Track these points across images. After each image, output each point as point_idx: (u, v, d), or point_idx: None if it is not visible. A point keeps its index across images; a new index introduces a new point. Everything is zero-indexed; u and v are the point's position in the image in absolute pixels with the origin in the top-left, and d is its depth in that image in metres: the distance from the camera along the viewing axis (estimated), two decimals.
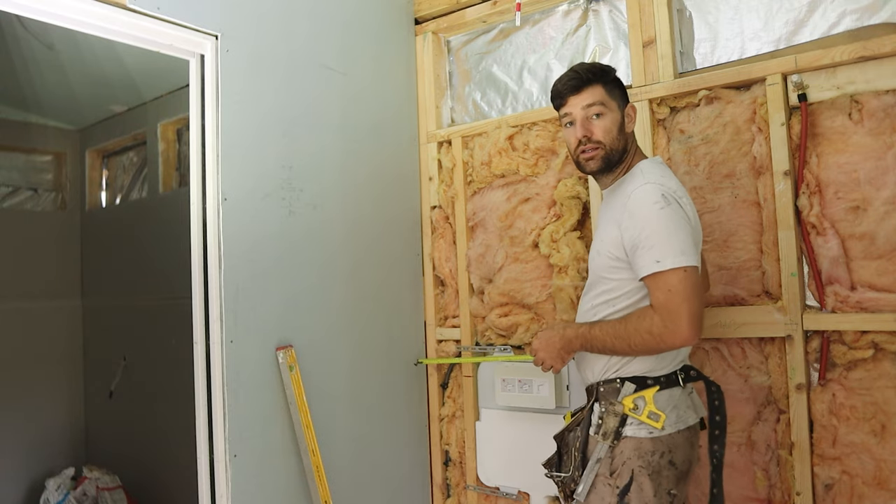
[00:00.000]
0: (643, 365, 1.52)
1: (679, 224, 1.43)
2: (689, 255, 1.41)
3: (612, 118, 1.59)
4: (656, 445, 1.47)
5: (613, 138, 1.58)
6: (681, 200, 1.48)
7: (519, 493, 2.37)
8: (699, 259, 1.47)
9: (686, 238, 1.42)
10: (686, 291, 1.38)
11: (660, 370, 1.51)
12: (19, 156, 3.91)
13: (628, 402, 1.50)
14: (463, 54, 2.68)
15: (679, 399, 1.51)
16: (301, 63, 2.19)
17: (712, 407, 1.55)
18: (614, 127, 1.59)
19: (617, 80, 1.64)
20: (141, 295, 3.49)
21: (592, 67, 1.62)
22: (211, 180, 1.91)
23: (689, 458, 1.51)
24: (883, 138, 1.76)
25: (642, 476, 1.45)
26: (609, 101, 1.59)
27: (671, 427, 1.48)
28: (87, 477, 3.46)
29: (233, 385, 1.88)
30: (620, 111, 1.61)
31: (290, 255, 2.09)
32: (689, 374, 1.55)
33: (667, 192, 1.46)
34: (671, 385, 1.51)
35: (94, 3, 1.68)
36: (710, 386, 1.57)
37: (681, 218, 1.44)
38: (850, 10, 1.85)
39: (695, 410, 1.54)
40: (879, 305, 1.75)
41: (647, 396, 1.49)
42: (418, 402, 2.58)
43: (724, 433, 1.53)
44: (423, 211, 2.65)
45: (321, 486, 2.03)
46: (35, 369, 3.63)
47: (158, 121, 3.49)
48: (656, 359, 1.51)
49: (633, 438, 1.48)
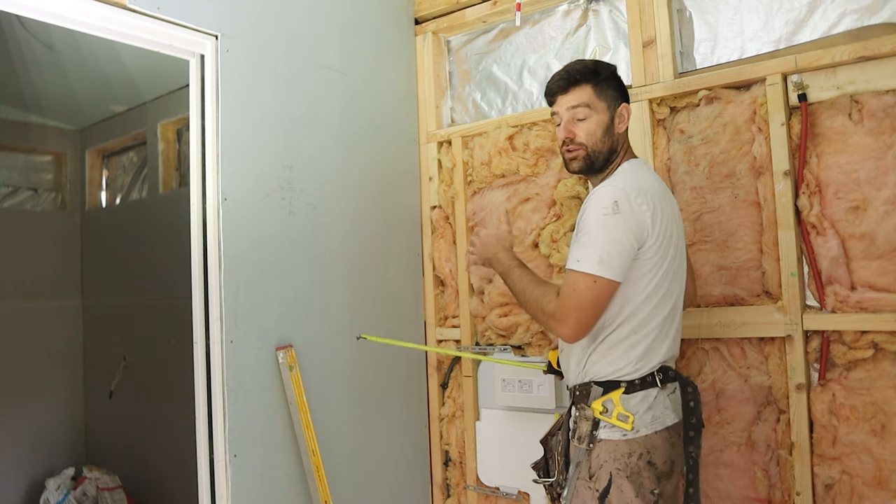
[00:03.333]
0: (613, 367, 1.51)
1: (614, 235, 1.44)
2: (607, 266, 1.43)
3: (597, 120, 1.58)
4: (632, 447, 1.47)
5: (597, 140, 1.58)
6: (639, 206, 1.45)
7: (519, 493, 2.37)
8: (621, 274, 1.45)
9: (614, 250, 1.43)
10: (585, 299, 1.44)
11: (633, 373, 1.50)
12: (19, 156, 3.91)
13: (597, 406, 1.50)
14: (463, 54, 2.68)
15: (656, 400, 1.50)
16: (301, 63, 2.19)
17: (687, 408, 1.53)
18: (598, 129, 1.58)
19: (611, 78, 1.62)
20: (141, 295, 3.49)
21: (584, 67, 1.60)
22: (211, 180, 1.91)
23: (672, 458, 1.49)
24: (883, 138, 1.76)
25: (621, 478, 1.45)
26: (597, 102, 1.58)
27: (647, 428, 1.48)
28: (87, 477, 3.47)
29: (233, 385, 1.88)
30: (610, 112, 1.59)
31: (290, 255, 2.09)
32: (668, 374, 1.54)
33: (623, 198, 1.45)
34: (647, 386, 1.50)
35: (94, 3, 1.69)
36: (686, 387, 1.54)
37: (621, 231, 1.44)
38: (850, 10, 1.85)
39: (674, 411, 1.52)
40: (879, 305, 1.75)
41: (614, 399, 1.49)
42: (418, 402, 2.58)
43: (700, 435, 1.51)
44: (423, 211, 2.65)
45: (321, 486, 2.03)
46: (35, 369, 3.63)
47: (158, 121, 3.49)
48: (631, 362, 1.51)
49: (608, 441, 1.49)
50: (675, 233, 1.55)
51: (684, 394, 1.54)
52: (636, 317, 1.50)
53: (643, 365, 1.51)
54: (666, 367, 1.55)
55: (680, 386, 1.55)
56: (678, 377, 1.56)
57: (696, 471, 1.49)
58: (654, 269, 1.50)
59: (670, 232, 1.52)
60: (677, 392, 1.55)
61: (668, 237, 1.51)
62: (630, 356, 1.50)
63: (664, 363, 1.54)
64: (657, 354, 1.52)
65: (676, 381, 1.56)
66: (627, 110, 1.62)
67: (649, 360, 1.51)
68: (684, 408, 1.53)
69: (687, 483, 1.48)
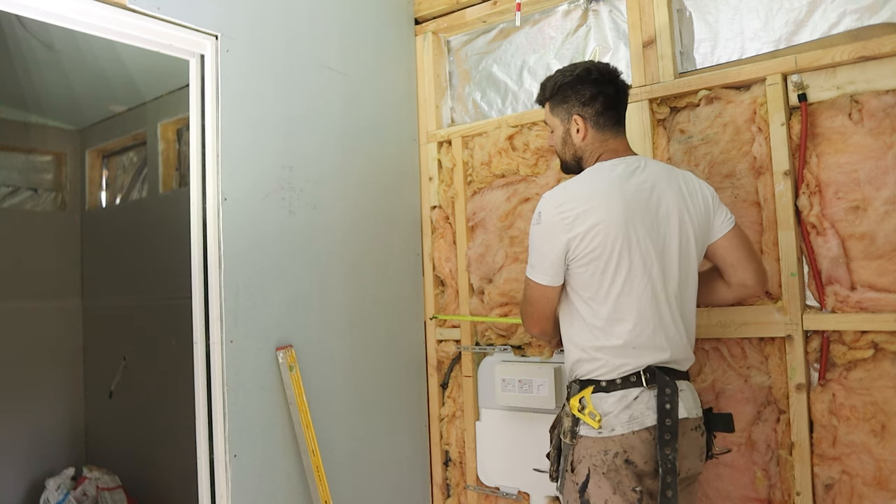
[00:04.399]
0: (591, 367, 1.56)
1: (535, 244, 1.59)
2: (535, 271, 1.60)
3: (557, 133, 1.72)
4: (608, 445, 1.49)
5: (560, 150, 1.74)
6: (559, 215, 1.53)
7: (519, 493, 2.37)
8: (548, 278, 1.58)
9: (538, 257, 1.58)
10: (528, 299, 1.65)
11: (609, 373, 1.53)
12: (19, 156, 3.91)
13: (574, 403, 1.55)
14: (463, 54, 2.68)
15: (637, 400, 1.50)
16: (301, 63, 2.19)
17: (662, 411, 1.49)
18: (559, 142, 1.73)
19: (558, 94, 1.69)
20: (141, 295, 3.49)
21: (542, 87, 1.74)
22: (211, 180, 1.91)
23: (654, 458, 1.48)
24: (883, 138, 1.76)
25: (597, 474, 1.48)
26: (552, 119, 1.73)
27: (623, 427, 1.49)
28: (87, 477, 3.47)
29: (233, 385, 1.88)
30: (564, 125, 1.70)
31: (290, 255, 2.09)
32: (655, 375, 1.52)
33: (546, 208, 1.56)
34: (629, 386, 1.51)
35: (94, 3, 1.69)
36: (664, 388, 1.51)
37: (542, 239, 1.57)
38: (850, 10, 1.85)
39: (656, 411, 1.50)
40: (879, 305, 1.75)
41: (586, 397, 1.54)
42: (418, 402, 2.58)
43: (676, 438, 1.47)
44: (423, 211, 2.65)
45: (321, 486, 2.04)
46: (35, 369, 3.64)
47: (158, 121, 3.49)
48: (607, 362, 1.53)
49: (586, 438, 1.52)
50: (640, 228, 1.53)
51: (661, 395, 1.50)
52: (598, 318, 1.55)
53: (620, 365, 1.52)
54: (656, 368, 1.52)
55: (658, 387, 1.51)
56: (662, 378, 1.51)
57: (674, 474, 1.45)
58: (593, 268, 1.53)
59: (610, 230, 1.51)
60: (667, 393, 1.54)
61: (606, 234, 1.51)
62: (603, 356, 1.54)
63: (660, 363, 1.54)
64: (637, 355, 1.53)
65: (659, 382, 1.51)
66: (580, 120, 1.67)
67: (626, 361, 1.52)
68: (659, 410, 1.49)
69: (663, 486, 1.44)
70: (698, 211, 1.62)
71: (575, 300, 1.59)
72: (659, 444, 1.47)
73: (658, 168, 1.65)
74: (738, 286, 1.71)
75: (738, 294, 1.74)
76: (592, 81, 1.65)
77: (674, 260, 1.58)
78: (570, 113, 1.68)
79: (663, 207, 1.58)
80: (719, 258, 1.69)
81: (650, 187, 1.58)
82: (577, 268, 1.55)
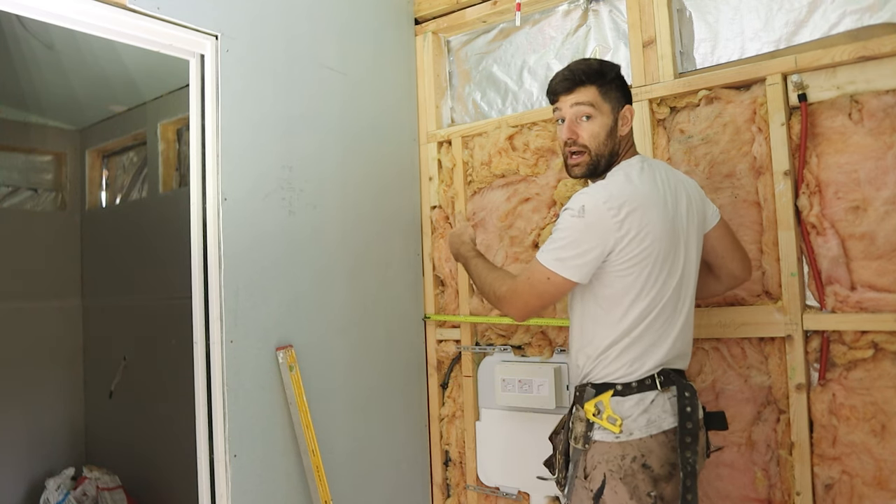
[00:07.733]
0: (607, 370, 1.51)
1: (575, 238, 1.46)
2: (564, 265, 1.47)
3: (601, 122, 1.55)
4: (626, 450, 1.46)
5: (600, 143, 1.56)
6: (608, 212, 1.44)
7: (519, 493, 2.37)
8: (578, 275, 1.47)
9: (573, 252, 1.46)
10: (535, 289, 1.52)
11: (627, 376, 1.50)
12: (19, 156, 3.91)
13: (590, 407, 1.50)
14: (463, 54, 2.68)
15: (653, 403, 1.48)
16: (301, 63, 2.19)
17: (683, 413, 1.48)
18: (602, 131, 1.55)
19: (616, 79, 1.59)
20: (141, 295, 3.49)
21: (588, 67, 1.57)
22: (211, 180, 1.91)
23: (672, 461, 1.47)
24: (883, 138, 1.76)
25: (614, 480, 1.44)
26: (601, 104, 1.55)
27: (641, 431, 1.46)
28: (87, 477, 3.47)
29: (233, 385, 1.88)
30: (613, 114, 1.56)
31: (290, 255, 2.09)
32: (669, 377, 1.51)
33: (591, 203, 1.45)
34: (644, 389, 1.49)
35: (94, 3, 1.68)
36: (683, 391, 1.51)
37: (582, 234, 1.46)
38: (851, 10, 1.85)
39: (674, 414, 1.49)
40: (879, 305, 1.75)
41: (604, 401, 1.49)
42: (418, 402, 2.58)
43: (696, 441, 1.47)
44: (423, 211, 2.65)
45: (321, 486, 2.03)
46: (35, 369, 3.64)
47: (158, 121, 3.49)
48: (624, 365, 1.50)
49: (601, 443, 1.48)
50: (671, 230, 1.51)
51: (681, 398, 1.50)
52: (625, 320, 1.49)
53: (637, 368, 1.50)
54: (668, 370, 1.52)
55: (676, 390, 1.51)
56: (678, 380, 1.52)
57: (694, 478, 1.45)
58: (637, 271, 1.47)
59: (655, 232, 1.47)
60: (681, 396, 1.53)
61: (654, 237, 1.47)
62: (623, 359, 1.50)
63: (666, 365, 1.53)
64: (653, 357, 1.51)
65: (687, 385, 1.52)
66: (631, 112, 1.60)
67: (644, 363, 1.50)
68: (680, 413, 1.48)
69: (684, 490, 1.43)
70: (699, 206, 1.64)
71: (596, 300, 1.53)
72: (680, 447, 1.46)
73: (665, 166, 1.65)
74: (728, 277, 1.72)
75: (729, 284, 1.75)
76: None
77: (692, 261, 1.59)
78: (622, 103, 1.58)
79: (682, 206, 1.57)
80: (709, 249, 1.69)
81: (673, 186, 1.57)
82: (617, 269, 1.48)
